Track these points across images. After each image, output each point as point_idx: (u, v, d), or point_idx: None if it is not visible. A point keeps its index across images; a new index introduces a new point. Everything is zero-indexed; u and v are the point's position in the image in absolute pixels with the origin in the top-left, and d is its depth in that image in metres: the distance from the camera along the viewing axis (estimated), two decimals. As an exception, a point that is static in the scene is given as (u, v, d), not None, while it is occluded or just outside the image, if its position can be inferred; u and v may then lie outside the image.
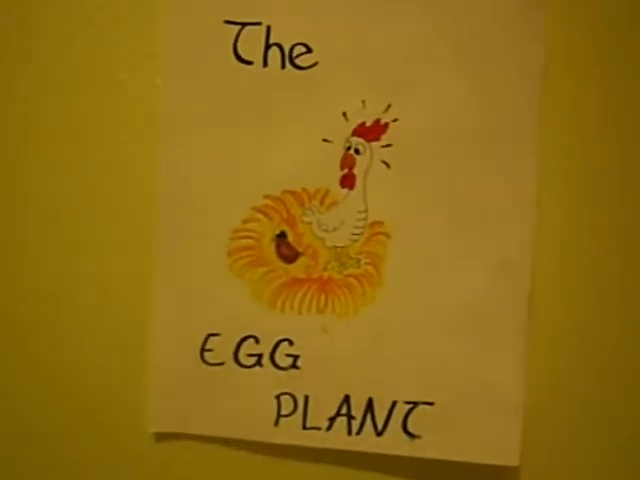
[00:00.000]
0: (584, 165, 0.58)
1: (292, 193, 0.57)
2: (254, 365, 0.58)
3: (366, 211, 0.57)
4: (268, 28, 0.56)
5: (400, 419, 0.58)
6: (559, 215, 0.58)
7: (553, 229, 0.58)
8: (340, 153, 0.57)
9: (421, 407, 0.57)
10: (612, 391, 0.59)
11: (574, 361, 0.59)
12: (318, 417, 0.58)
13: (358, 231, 0.57)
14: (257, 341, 0.58)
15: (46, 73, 0.58)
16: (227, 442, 0.59)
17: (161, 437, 0.59)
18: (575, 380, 0.59)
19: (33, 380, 0.60)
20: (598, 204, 0.58)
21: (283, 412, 0.58)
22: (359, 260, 0.57)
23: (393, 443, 0.58)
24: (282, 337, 0.58)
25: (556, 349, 0.59)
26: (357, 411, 0.58)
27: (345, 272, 0.58)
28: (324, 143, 0.57)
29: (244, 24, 0.56)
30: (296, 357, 0.58)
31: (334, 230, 0.57)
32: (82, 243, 0.59)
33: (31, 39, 0.58)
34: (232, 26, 0.56)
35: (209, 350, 0.58)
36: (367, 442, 0.58)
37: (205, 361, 0.58)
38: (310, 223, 0.57)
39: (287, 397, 0.58)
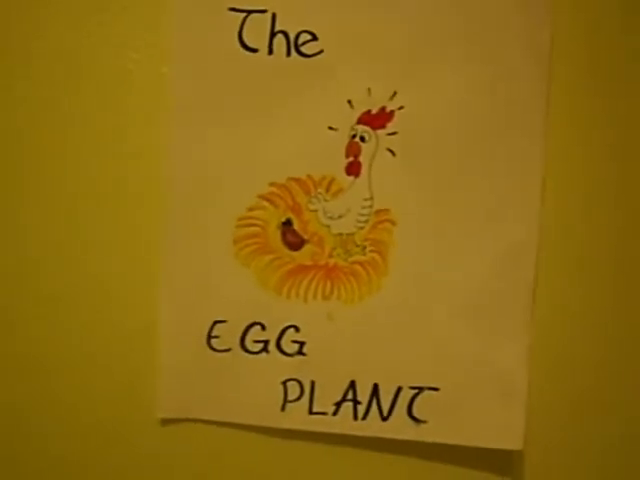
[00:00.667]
0: (592, 152, 0.58)
1: (297, 180, 0.57)
2: (260, 351, 0.59)
3: (372, 198, 0.57)
4: (273, 15, 0.56)
5: (405, 404, 0.58)
6: (566, 201, 0.58)
7: (559, 215, 0.58)
8: (345, 141, 0.57)
9: (426, 392, 0.58)
10: (616, 379, 0.60)
11: (578, 349, 0.59)
12: (324, 402, 0.59)
13: (364, 218, 0.57)
14: (263, 328, 0.59)
15: (53, 63, 0.58)
16: (234, 427, 0.60)
17: (169, 423, 0.60)
18: (580, 367, 0.59)
19: (42, 369, 0.60)
20: (606, 192, 0.58)
21: (290, 397, 0.59)
22: (364, 247, 0.58)
23: (398, 428, 0.58)
24: (288, 324, 0.58)
25: (561, 336, 0.59)
26: (363, 396, 0.58)
27: (350, 259, 0.58)
28: (329, 131, 0.57)
29: (249, 11, 0.56)
30: (302, 343, 0.58)
31: (340, 217, 0.58)
32: (88, 231, 0.59)
33: (37, 30, 0.58)
34: (237, 13, 0.56)
35: (216, 337, 0.59)
36: (373, 427, 0.59)
37: (212, 348, 0.59)
38: (316, 211, 0.58)
39: (293, 383, 0.59)
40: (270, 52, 0.56)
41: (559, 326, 0.59)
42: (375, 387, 0.58)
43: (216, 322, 0.59)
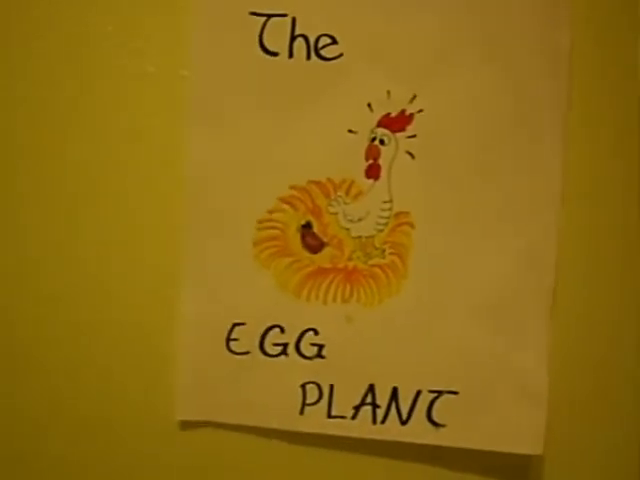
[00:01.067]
0: (611, 153, 0.58)
1: (317, 183, 0.58)
2: (279, 354, 0.59)
3: (391, 201, 0.57)
4: (293, 19, 0.56)
5: (424, 408, 0.58)
6: (584, 203, 0.58)
7: (578, 217, 0.58)
8: (365, 144, 0.57)
9: (445, 396, 0.58)
10: (633, 380, 0.59)
11: (598, 350, 0.59)
12: (343, 406, 0.59)
13: (383, 221, 0.58)
14: (282, 330, 0.59)
15: (72, 65, 0.58)
16: (253, 430, 0.60)
17: (188, 425, 0.60)
18: (598, 369, 0.59)
19: (61, 369, 0.61)
20: (624, 193, 0.58)
21: (308, 401, 0.59)
22: (384, 250, 0.58)
23: (417, 432, 0.58)
24: (307, 327, 0.58)
25: (580, 338, 0.59)
26: (382, 400, 0.58)
27: (370, 262, 0.58)
28: (349, 134, 0.57)
29: (270, 15, 0.56)
30: (321, 346, 0.58)
31: (359, 220, 0.58)
32: (110, 232, 0.59)
33: (56, 32, 0.58)
34: (258, 17, 0.57)
35: (235, 339, 0.59)
36: (392, 431, 0.58)
37: (231, 350, 0.59)
38: (336, 214, 0.58)
39: (312, 386, 0.59)
40: (290, 56, 0.57)
41: (585, 326, 0.59)
42: (394, 391, 0.58)
43: (235, 325, 0.59)
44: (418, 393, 0.58)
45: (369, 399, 0.58)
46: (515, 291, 0.57)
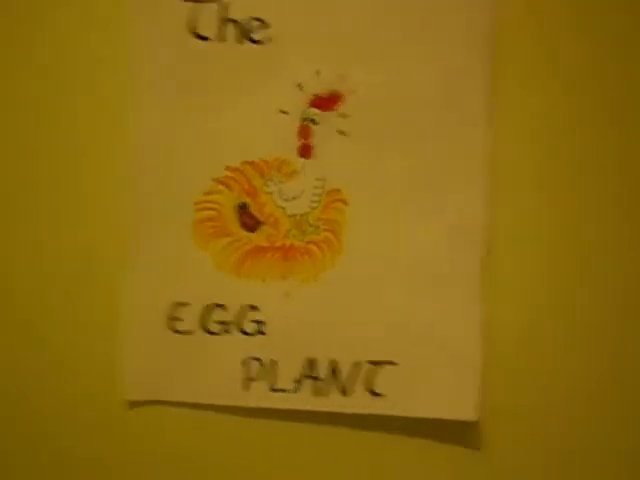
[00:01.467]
0: (537, 127, 0.59)
1: (251, 164, 0.59)
2: (222, 332, 0.60)
3: (324, 179, 0.59)
4: (224, 4, 0.58)
5: (364, 379, 0.60)
6: (513, 176, 0.59)
7: (507, 190, 0.59)
8: (297, 124, 0.59)
9: (384, 367, 0.60)
10: (574, 343, 0.61)
11: (532, 318, 0.61)
12: (285, 380, 0.60)
13: (316, 199, 0.59)
14: (224, 309, 0.60)
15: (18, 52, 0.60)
16: (199, 407, 0.61)
17: (136, 404, 0.62)
18: (535, 335, 0.61)
19: (12, 353, 0.62)
20: (553, 165, 0.59)
21: (251, 376, 0.60)
22: (318, 227, 0.59)
23: (358, 402, 0.60)
24: (247, 304, 0.60)
25: (514, 305, 0.60)
26: (322, 373, 0.60)
27: (306, 239, 0.59)
28: (281, 114, 0.58)
29: (200, 1, 0.58)
30: (261, 323, 0.60)
31: (294, 199, 0.59)
32: (55, 218, 0.61)
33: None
34: (189, 3, 0.58)
35: (178, 319, 0.60)
36: (333, 402, 0.60)
37: (174, 330, 0.60)
38: (271, 193, 0.59)
39: (254, 362, 0.60)
40: (222, 40, 0.58)
41: (517, 293, 0.60)
42: (334, 363, 0.60)
43: (177, 304, 0.60)
44: (358, 365, 0.60)
45: (310, 372, 0.60)
46: (446, 263, 0.59)
